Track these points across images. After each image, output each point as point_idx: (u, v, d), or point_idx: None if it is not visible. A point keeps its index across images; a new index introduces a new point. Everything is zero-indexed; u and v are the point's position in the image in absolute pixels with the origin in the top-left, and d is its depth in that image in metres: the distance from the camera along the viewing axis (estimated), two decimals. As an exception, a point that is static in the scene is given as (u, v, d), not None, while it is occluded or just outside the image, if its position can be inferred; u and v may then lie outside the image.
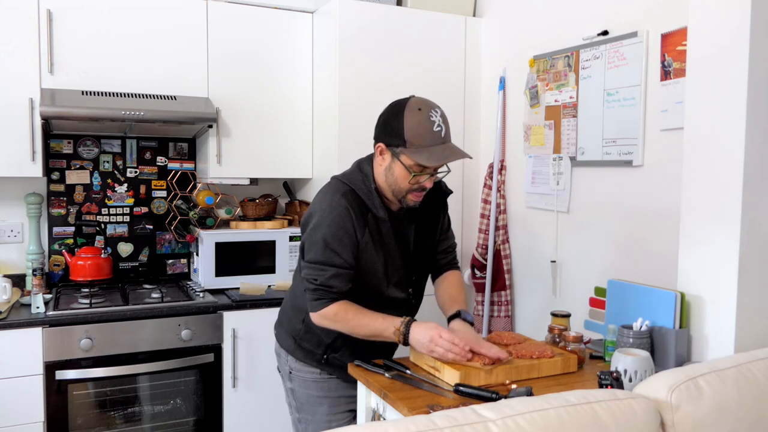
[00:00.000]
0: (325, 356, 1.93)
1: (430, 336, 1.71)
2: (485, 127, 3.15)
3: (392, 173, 1.77)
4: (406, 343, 1.75)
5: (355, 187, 1.81)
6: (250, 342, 2.80)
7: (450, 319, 1.91)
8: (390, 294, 1.88)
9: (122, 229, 3.14)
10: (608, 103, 2.42)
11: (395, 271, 1.87)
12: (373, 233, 1.80)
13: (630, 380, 1.66)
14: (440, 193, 1.98)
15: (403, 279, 1.90)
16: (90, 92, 2.68)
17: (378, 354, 1.91)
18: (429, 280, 2.06)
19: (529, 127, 2.84)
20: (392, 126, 1.73)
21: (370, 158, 1.87)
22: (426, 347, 1.72)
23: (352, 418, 2.00)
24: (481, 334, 3.03)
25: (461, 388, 1.63)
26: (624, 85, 2.35)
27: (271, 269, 3.06)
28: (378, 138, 1.79)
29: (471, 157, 1.77)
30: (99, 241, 3.09)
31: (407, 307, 1.96)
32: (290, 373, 2.00)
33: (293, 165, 3.14)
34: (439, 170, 1.79)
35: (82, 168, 3.05)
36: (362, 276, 1.83)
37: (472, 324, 1.88)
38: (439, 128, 1.71)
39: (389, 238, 1.84)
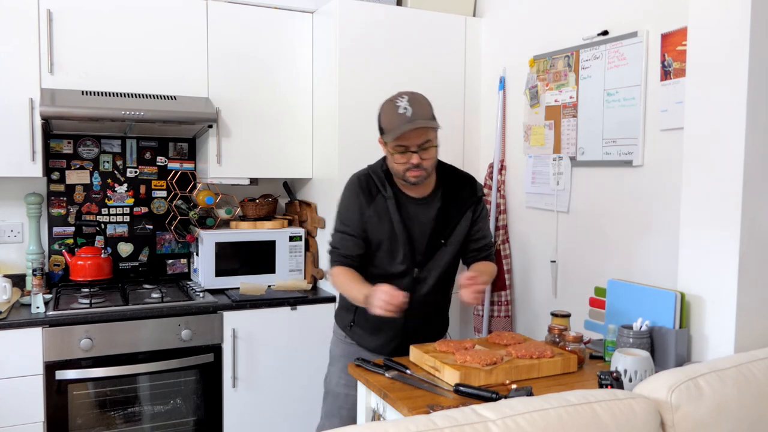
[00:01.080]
0: (351, 323, 2.18)
1: (372, 295, 1.83)
2: (485, 127, 3.15)
3: (389, 159, 2.04)
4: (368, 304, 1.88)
5: (372, 171, 2.12)
6: (250, 342, 2.80)
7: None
8: (392, 269, 2.07)
9: (122, 229, 3.14)
10: (608, 103, 2.42)
11: (399, 247, 2.05)
12: (380, 209, 2.05)
13: (630, 380, 1.66)
14: (472, 194, 2.14)
15: (407, 256, 2.06)
16: (90, 92, 2.68)
17: (385, 328, 2.10)
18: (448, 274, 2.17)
19: (529, 127, 2.84)
20: (378, 121, 2.04)
21: None
22: (367, 303, 1.86)
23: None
24: (481, 334, 3.03)
25: (461, 388, 1.63)
26: (624, 85, 2.35)
27: (271, 269, 3.06)
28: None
29: (439, 127, 1.96)
30: (99, 241, 3.09)
31: (410, 282, 2.07)
32: (333, 333, 2.29)
33: (293, 165, 3.14)
34: (425, 146, 1.95)
35: (82, 168, 3.05)
36: (368, 244, 2.07)
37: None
38: (404, 111, 1.93)
39: (395, 215, 2.04)
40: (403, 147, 1.94)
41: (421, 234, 2.07)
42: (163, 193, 3.21)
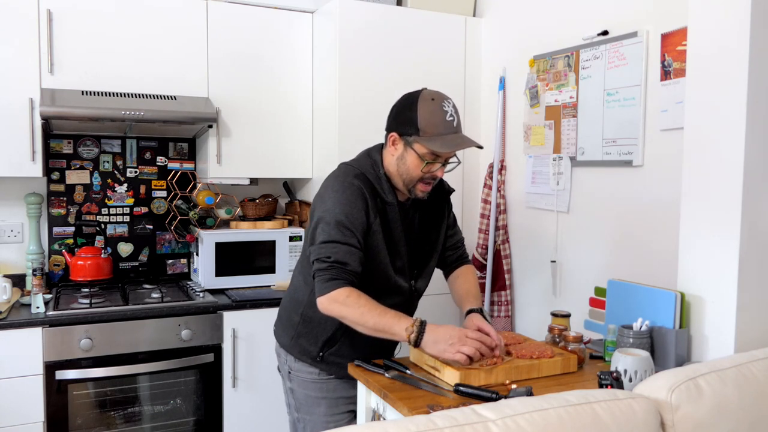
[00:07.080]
0: (321, 353, 1.91)
1: (458, 335, 1.66)
2: (485, 127, 3.15)
3: (404, 162, 1.78)
4: (417, 344, 1.68)
5: (365, 171, 1.83)
6: (250, 342, 2.80)
7: (468, 312, 1.90)
8: (394, 281, 1.86)
9: (122, 229, 3.14)
10: (608, 103, 2.42)
11: (399, 258, 1.86)
12: (382, 218, 1.80)
13: (630, 380, 1.66)
14: (443, 191, 2.01)
15: (405, 267, 1.88)
16: (90, 92, 2.68)
17: (375, 353, 1.89)
18: (431, 280, 2.05)
19: (529, 127, 2.84)
20: (406, 116, 1.75)
21: (378, 147, 1.90)
22: (453, 346, 1.65)
23: (351, 418, 2.00)
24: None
25: (461, 388, 1.62)
26: (624, 85, 2.35)
27: (271, 269, 3.06)
28: (390, 128, 1.81)
29: (482, 147, 1.79)
30: (99, 241, 3.09)
31: (408, 297, 1.93)
32: (289, 373, 1.99)
33: (293, 165, 3.14)
34: (450, 161, 1.81)
35: (82, 168, 3.05)
36: (369, 260, 1.80)
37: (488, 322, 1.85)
38: (451, 118, 1.74)
39: (396, 224, 1.83)
40: (435, 157, 1.74)
41: (415, 242, 1.91)
42: (163, 193, 3.21)
